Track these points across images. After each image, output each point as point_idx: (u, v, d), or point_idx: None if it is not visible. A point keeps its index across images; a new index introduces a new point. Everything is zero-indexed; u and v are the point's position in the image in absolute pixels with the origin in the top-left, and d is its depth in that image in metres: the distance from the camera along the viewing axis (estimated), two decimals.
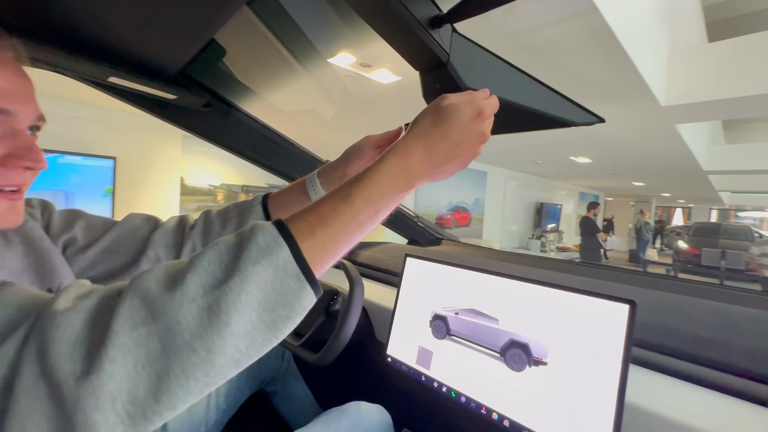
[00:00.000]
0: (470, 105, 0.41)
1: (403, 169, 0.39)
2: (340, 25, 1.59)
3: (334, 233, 0.35)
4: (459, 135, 0.40)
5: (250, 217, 0.63)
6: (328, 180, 0.59)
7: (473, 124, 0.41)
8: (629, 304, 0.51)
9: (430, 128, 0.40)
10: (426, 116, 0.41)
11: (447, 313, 0.72)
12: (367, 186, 0.37)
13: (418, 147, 0.39)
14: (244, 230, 0.33)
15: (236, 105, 0.99)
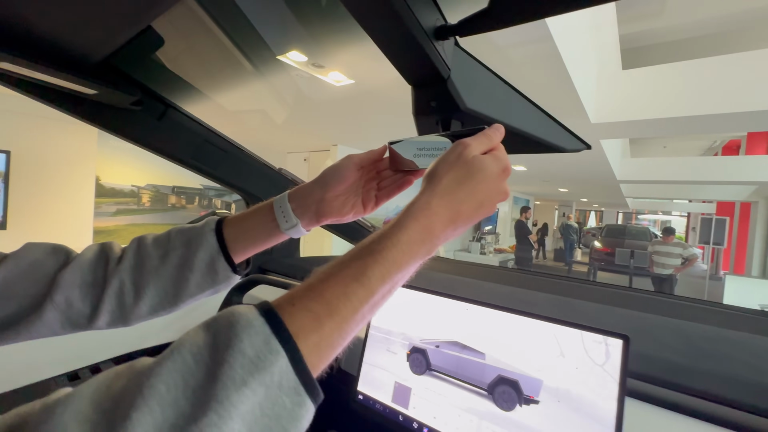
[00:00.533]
0: (497, 161, 0.36)
1: (425, 236, 0.33)
2: (292, 21, 1.48)
3: (343, 322, 0.28)
4: (484, 194, 0.36)
5: (200, 248, 0.49)
6: (302, 205, 0.49)
7: (498, 182, 0.36)
8: (622, 339, 0.50)
9: (455, 186, 0.35)
10: (449, 170, 0.35)
11: (427, 346, 0.66)
12: (386, 260, 0.30)
13: (442, 208, 0.34)
14: (217, 324, 0.24)
15: (175, 104, 0.84)
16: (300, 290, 0.29)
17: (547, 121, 0.52)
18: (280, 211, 0.49)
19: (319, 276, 0.30)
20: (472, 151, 0.36)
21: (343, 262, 0.31)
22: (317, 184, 0.49)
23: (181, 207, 4.53)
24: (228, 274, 0.49)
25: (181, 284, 0.48)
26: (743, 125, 3.69)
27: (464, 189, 0.35)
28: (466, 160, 0.36)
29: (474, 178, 0.35)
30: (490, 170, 0.36)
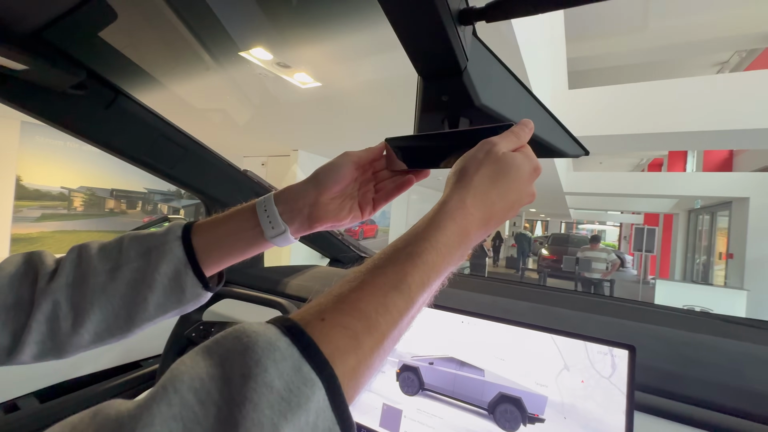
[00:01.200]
0: (528, 160, 0.34)
1: (462, 238, 0.30)
2: (260, 16, 1.39)
3: (382, 339, 0.23)
4: (516, 195, 0.33)
5: (162, 260, 0.39)
6: (293, 209, 0.41)
7: (529, 182, 0.34)
8: (629, 349, 0.49)
9: (488, 185, 0.32)
10: (480, 168, 0.32)
11: (419, 363, 0.61)
12: (425, 264, 0.26)
13: (477, 208, 0.31)
14: (223, 348, 0.19)
15: (126, 92, 0.72)
16: (328, 301, 0.24)
17: (555, 126, 0.50)
18: (265, 216, 0.41)
19: (351, 284, 0.25)
20: (501, 148, 0.33)
21: (377, 268, 0.26)
22: (310, 184, 0.42)
23: (121, 212, 4.10)
24: (197, 290, 0.41)
25: (137, 305, 0.39)
26: (666, 144, 4.16)
27: (497, 188, 0.32)
28: (497, 157, 0.33)
29: (507, 176, 0.32)
30: (523, 169, 0.33)
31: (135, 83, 0.79)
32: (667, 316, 0.95)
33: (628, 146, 4.21)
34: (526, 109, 0.46)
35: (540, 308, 0.89)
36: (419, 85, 0.43)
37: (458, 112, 0.44)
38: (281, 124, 3.31)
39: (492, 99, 0.42)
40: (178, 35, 1.04)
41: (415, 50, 0.37)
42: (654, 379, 0.58)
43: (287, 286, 1.02)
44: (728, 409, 0.52)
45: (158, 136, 0.82)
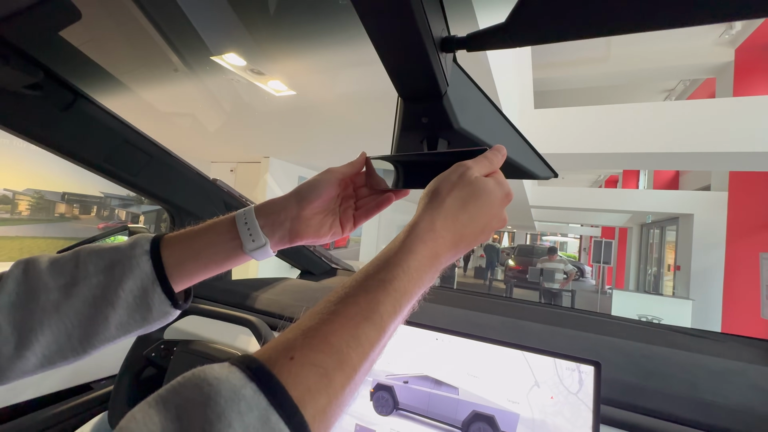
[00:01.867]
0: (500, 186, 0.34)
1: (432, 261, 0.29)
2: (234, 22, 1.37)
3: (353, 373, 0.23)
4: (486, 219, 0.33)
5: (127, 276, 0.36)
6: (274, 222, 0.40)
7: (501, 207, 0.35)
8: (594, 365, 0.51)
9: (459, 208, 0.32)
10: (452, 190, 0.33)
11: (393, 382, 0.60)
12: (396, 291, 0.26)
13: (447, 230, 0.31)
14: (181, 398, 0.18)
15: (87, 94, 0.68)
16: (297, 336, 0.23)
17: (527, 149, 0.52)
18: (246, 228, 0.40)
19: (321, 316, 0.24)
20: (474, 172, 0.34)
21: (348, 297, 0.25)
22: (293, 198, 0.42)
23: (73, 217, 3.82)
24: (165, 308, 0.38)
25: (96, 325, 0.36)
26: (619, 164, 4.49)
27: (468, 211, 0.32)
28: (470, 180, 0.33)
29: (478, 200, 0.33)
30: (494, 194, 0.34)
31: (98, 86, 0.74)
32: (626, 328, 1.01)
33: (586, 164, 4.49)
34: (501, 133, 0.48)
35: (510, 322, 0.91)
36: (399, 105, 0.44)
37: (437, 133, 0.44)
38: (253, 131, 3.24)
39: (470, 122, 0.43)
40: (148, 38, 0.99)
41: (397, 73, 0.38)
42: (617, 393, 0.60)
43: (257, 301, 0.99)
44: (684, 420, 0.55)
45: (121, 142, 0.78)
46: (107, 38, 0.86)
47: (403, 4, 0.29)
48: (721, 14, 0.26)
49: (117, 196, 4.34)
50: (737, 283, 5.68)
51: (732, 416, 0.54)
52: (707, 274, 6.19)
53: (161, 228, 4.78)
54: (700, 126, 3.51)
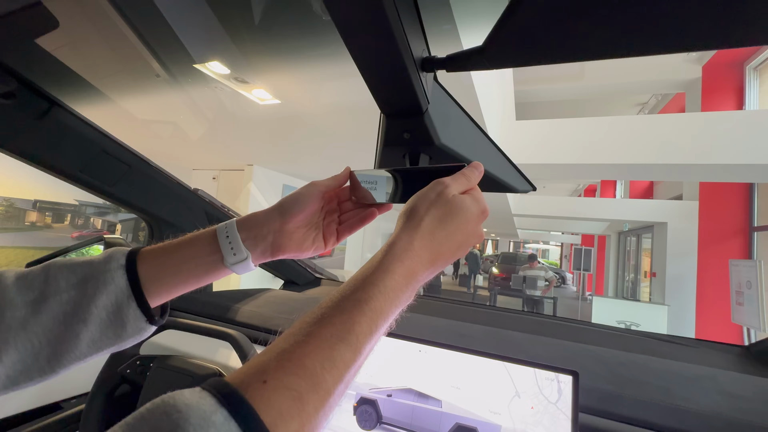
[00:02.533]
0: (476, 202, 0.35)
1: (409, 280, 0.30)
2: (218, 31, 1.36)
3: (327, 396, 0.23)
4: (463, 236, 0.34)
5: (100, 292, 0.35)
6: (256, 236, 0.40)
7: (477, 224, 0.35)
8: (572, 375, 0.52)
9: (436, 226, 0.33)
10: (430, 209, 0.33)
11: (377, 396, 0.60)
12: (373, 311, 0.26)
13: (425, 248, 0.32)
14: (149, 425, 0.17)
15: (63, 102, 0.66)
16: (271, 359, 0.23)
17: (506, 163, 0.54)
18: (227, 242, 0.39)
19: (296, 337, 0.24)
20: (452, 190, 0.35)
21: (324, 318, 0.25)
22: (276, 211, 0.41)
23: (45, 226, 3.67)
24: (140, 325, 0.37)
25: (66, 342, 0.34)
26: (596, 174, 4.65)
27: (445, 229, 0.33)
28: (447, 198, 0.34)
29: (455, 219, 0.33)
30: (471, 211, 0.35)
31: (76, 93, 0.73)
32: (604, 335, 1.03)
33: (565, 174, 4.62)
34: (481, 148, 0.49)
35: (492, 331, 0.93)
36: (382, 121, 0.45)
37: (419, 149, 0.45)
38: (236, 139, 3.20)
39: (450, 139, 0.44)
40: (129, 45, 0.98)
41: (379, 92, 0.38)
42: (595, 401, 0.62)
43: (238, 313, 0.97)
44: (659, 426, 0.56)
45: (98, 152, 0.76)
46: (86, 45, 0.84)
47: (384, 26, 0.30)
48: (684, 45, 0.27)
49: (93, 204, 4.20)
50: (709, 288, 5.91)
51: (702, 421, 0.56)
52: (681, 280, 6.42)
53: (139, 237, 4.63)
54: (671, 139, 3.68)
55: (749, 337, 4.87)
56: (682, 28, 0.25)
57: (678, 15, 0.24)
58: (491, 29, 0.32)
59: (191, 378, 0.65)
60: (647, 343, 1.01)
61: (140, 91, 1.55)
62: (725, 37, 0.25)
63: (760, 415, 0.56)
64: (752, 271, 4.08)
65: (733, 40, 0.26)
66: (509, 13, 0.29)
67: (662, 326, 4.72)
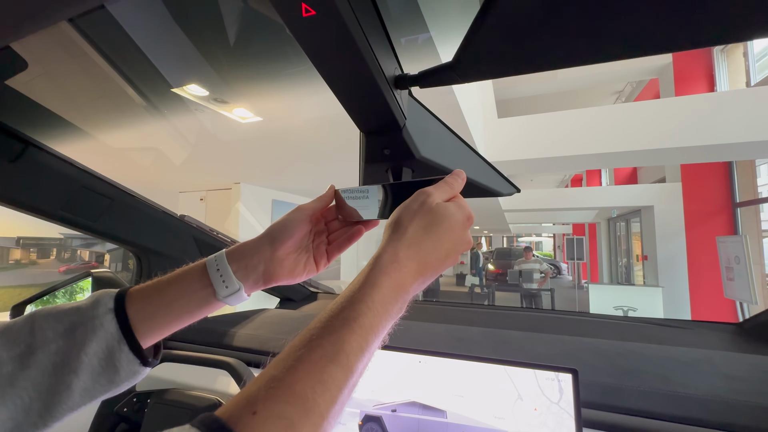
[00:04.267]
0: (461, 209, 0.35)
1: (398, 293, 0.30)
2: (194, 55, 1.36)
3: (321, 420, 0.22)
4: (450, 243, 0.34)
5: (90, 339, 0.34)
6: (247, 266, 0.40)
7: (463, 230, 0.35)
8: (572, 373, 0.52)
9: (421, 235, 0.32)
10: (414, 218, 0.33)
11: (381, 412, 0.60)
12: (362, 328, 0.26)
13: (411, 259, 0.31)
14: None
15: (38, 142, 0.65)
16: (261, 388, 0.22)
17: (488, 169, 0.54)
18: (218, 275, 0.39)
19: (285, 363, 0.24)
20: (435, 198, 0.35)
21: (312, 339, 0.25)
22: (265, 240, 0.41)
23: (30, 263, 3.58)
24: (134, 368, 0.36)
25: (57, 394, 0.33)
26: (579, 165, 4.74)
27: (431, 238, 0.33)
28: (431, 207, 0.34)
29: (441, 226, 0.33)
30: (455, 218, 0.34)
31: (52, 132, 0.72)
32: (601, 325, 1.04)
33: (550, 167, 4.70)
34: (462, 157, 0.50)
35: (491, 333, 0.93)
36: (362, 139, 0.45)
37: (400, 163, 0.46)
38: (221, 158, 3.18)
39: (430, 151, 0.45)
40: (104, 77, 0.97)
41: (355, 112, 0.39)
42: (596, 395, 0.62)
43: (235, 338, 0.96)
44: (661, 415, 0.57)
45: (78, 188, 0.75)
46: (60, 82, 0.83)
47: (353, 49, 0.31)
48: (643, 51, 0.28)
49: (79, 236, 4.12)
50: (700, 266, 6.03)
51: (703, 406, 0.57)
52: (673, 261, 6.53)
53: (129, 266, 4.55)
54: (649, 125, 3.77)
55: (742, 311, 4.97)
56: (640, 35, 0.26)
57: (635, 24, 0.25)
58: (459, 45, 0.33)
59: (191, 411, 0.64)
60: (643, 329, 1.02)
61: (118, 121, 1.53)
62: (680, 40, 0.26)
63: (757, 394, 0.57)
64: (739, 246, 4.19)
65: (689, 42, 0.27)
66: (475, 29, 0.30)
67: (658, 307, 4.79)
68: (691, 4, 0.24)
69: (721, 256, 4.61)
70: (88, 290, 0.97)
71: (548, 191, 9.77)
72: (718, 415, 0.55)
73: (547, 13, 0.26)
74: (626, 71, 7.08)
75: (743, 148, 3.66)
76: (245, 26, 1.08)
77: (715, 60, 6.06)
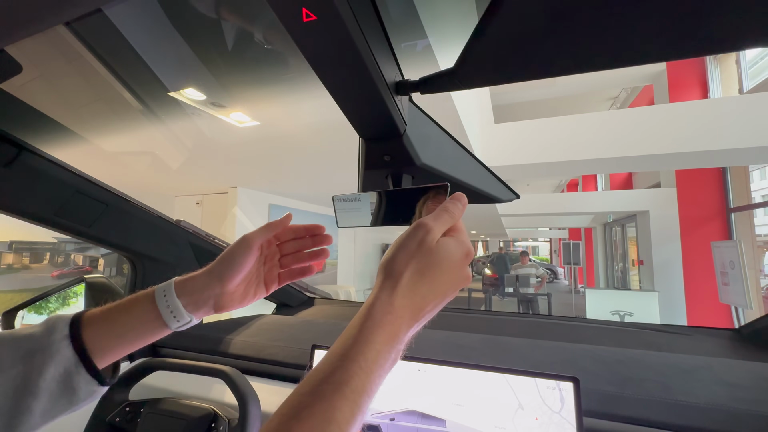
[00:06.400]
0: (460, 245, 0.33)
1: (392, 345, 0.28)
2: (191, 59, 1.35)
3: None
4: (448, 284, 0.31)
5: (47, 364, 0.35)
6: (197, 301, 0.41)
7: (462, 268, 0.32)
8: (573, 381, 0.52)
9: (418, 279, 0.30)
10: (411, 261, 0.31)
11: (380, 421, 0.59)
12: (354, 391, 0.25)
13: (407, 308, 0.29)
14: None
15: (32, 147, 0.64)
16: None
17: (488, 175, 0.54)
18: (168, 310, 0.40)
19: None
20: (435, 235, 0.32)
21: (302, 406, 0.24)
22: (214, 276, 0.41)
23: (23, 268, 3.53)
24: (92, 388, 0.38)
25: (18, 417, 0.34)
26: (574, 170, 4.77)
27: (427, 282, 0.31)
28: (429, 247, 0.31)
29: (439, 267, 0.31)
30: (453, 257, 0.32)
31: (47, 137, 0.71)
32: (601, 332, 1.04)
33: (546, 172, 4.72)
34: (462, 164, 0.50)
35: (490, 339, 0.92)
36: (361, 145, 0.45)
37: (400, 170, 0.45)
38: (218, 162, 3.17)
39: (431, 158, 0.44)
40: (101, 80, 0.96)
41: (356, 118, 0.38)
42: (597, 403, 0.61)
43: (231, 345, 0.94)
44: (663, 424, 0.57)
45: (72, 193, 0.73)
46: (56, 85, 0.83)
47: (354, 55, 0.30)
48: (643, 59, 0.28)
49: (73, 241, 4.07)
50: (695, 271, 6.07)
51: (704, 415, 0.57)
52: (668, 265, 6.56)
53: (123, 270, 4.50)
54: (644, 131, 3.81)
55: (737, 316, 4.99)
56: (640, 44, 0.26)
57: (635, 33, 0.25)
58: (461, 52, 0.32)
59: (185, 422, 0.63)
60: (642, 335, 1.02)
61: (115, 125, 1.52)
62: (681, 49, 0.26)
63: (759, 402, 0.57)
64: (734, 251, 4.21)
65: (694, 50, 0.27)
66: (476, 36, 0.30)
67: (654, 312, 4.80)
68: (692, 14, 0.24)
69: (716, 261, 4.63)
70: (81, 295, 0.95)
71: (544, 196, 9.80)
72: (720, 424, 0.54)
73: (550, 21, 0.26)
74: (621, 78, 7.16)
75: (737, 154, 3.70)
76: (243, 31, 1.08)
77: (709, 67, 6.15)
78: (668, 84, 6.35)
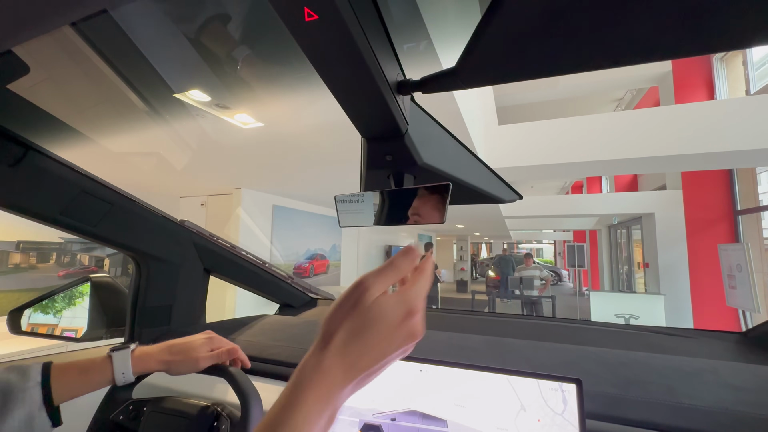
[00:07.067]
0: (400, 304, 0.31)
1: (324, 405, 0.28)
2: (196, 61, 1.36)
3: None
4: (386, 345, 0.31)
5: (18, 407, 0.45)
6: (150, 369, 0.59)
7: (401, 329, 0.31)
8: (576, 383, 0.51)
9: (349, 340, 0.30)
10: (343, 321, 0.31)
11: (381, 421, 0.59)
12: None
13: (336, 366, 0.29)
14: None
15: (39, 147, 0.65)
16: None
17: (490, 175, 0.54)
18: (121, 374, 0.57)
19: None
20: (373, 293, 0.31)
21: None
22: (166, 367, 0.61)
23: (30, 267, 3.57)
24: (46, 429, 0.48)
25: None
26: (579, 172, 4.74)
27: (361, 342, 0.30)
28: (364, 307, 0.31)
29: (372, 329, 0.30)
30: (390, 318, 0.31)
31: (54, 137, 0.72)
32: (604, 334, 1.03)
33: (550, 174, 4.70)
34: (465, 164, 0.50)
35: (493, 341, 0.92)
36: (363, 145, 0.45)
37: (402, 170, 0.45)
38: (223, 164, 3.19)
39: (432, 157, 0.44)
40: (107, 81, 0.97)
41: (358, 118, 0.38)
42: (601, 406, 0.61)
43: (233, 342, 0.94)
44: (667, 427, 0.56)
45: (77, 192, 0.74)
46: (62, 86, 0.84)
47: (356, 55, 0.30)
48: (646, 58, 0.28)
49: (79, 241, 4.11)
50: (702, 274, 6.00)
51: (709, 418, 0.56)
52: (674, 268, 6.50)
53: (128, 270, 4.53)
54: (649, 132, 3.78)
55: (745, 319, 4.93)
56: (643, 42, 0.25)
57: (640, 30, 0.25)
58: (462, 51, 0.33)
59: (187, 420, 0.63)
60: (647, 337, 1.01)
61: (120, 126, 1.54)
62: (685, 47, 0.26)
63: (765, 406, 0.56)
64: (741, 254, 4.17)
65: (696, 48, 0.26)
66: (478, 35, 0.30)
67: (660, 316, 4.75)
68: (697, 10, 0.24)
69: (723, 264, 4.58)
70: (86, 295, 0.96)
71: (549, 198, 9.76)
72: (725, 428, 0.54)
73: (552, 19, 0.26)
74: (626, 79, 7.12)
75: (744, 156, 3.66)
76: (248, 33, 1.09)
77: (715, 68, 6.10)
78: (674, 85, 6.31)
